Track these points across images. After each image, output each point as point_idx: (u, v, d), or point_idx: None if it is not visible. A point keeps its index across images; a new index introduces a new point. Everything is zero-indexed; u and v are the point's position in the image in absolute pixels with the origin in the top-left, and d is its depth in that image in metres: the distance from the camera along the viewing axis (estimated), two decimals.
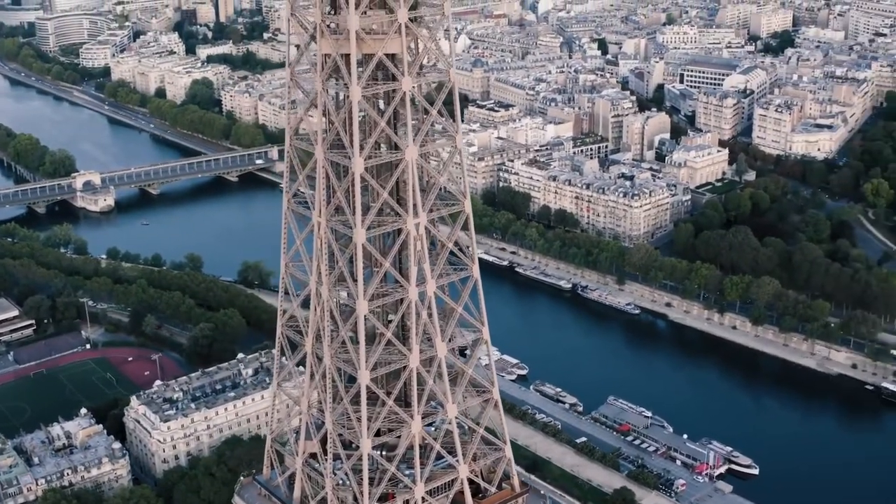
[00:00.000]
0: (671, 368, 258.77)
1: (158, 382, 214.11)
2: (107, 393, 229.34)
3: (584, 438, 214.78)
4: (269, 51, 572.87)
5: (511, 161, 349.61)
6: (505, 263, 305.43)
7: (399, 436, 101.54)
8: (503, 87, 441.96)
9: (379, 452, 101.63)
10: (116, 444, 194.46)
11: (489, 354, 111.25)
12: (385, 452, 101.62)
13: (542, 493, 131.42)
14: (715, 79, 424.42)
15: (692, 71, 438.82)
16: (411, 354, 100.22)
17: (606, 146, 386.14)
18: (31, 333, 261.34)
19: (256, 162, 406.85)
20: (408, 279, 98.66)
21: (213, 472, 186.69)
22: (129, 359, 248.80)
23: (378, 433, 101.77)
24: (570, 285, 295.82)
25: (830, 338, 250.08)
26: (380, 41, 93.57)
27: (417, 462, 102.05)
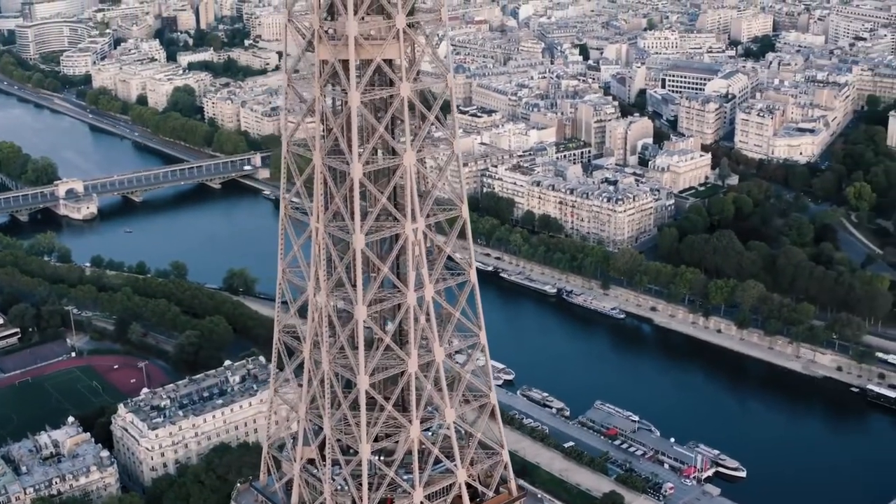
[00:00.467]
0: (657, 372, 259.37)
1: (146, 390, 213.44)
2: (93, 401, 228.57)
3: (572, 443, 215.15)
4: (250, 57, 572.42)
5: (494, 167, 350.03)
6: (490, 269, 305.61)
7: (397, 441, 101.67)
8: (485, 92, 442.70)
9: (377, 457, 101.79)
10: (104, 453, 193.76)
11: (487, 359, 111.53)
12: (383, 457, 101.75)
13: (539, 497, 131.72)
14: (697, 83, 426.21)
15: (674, 76, 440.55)
16: (410, 359, 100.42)
17: (589, 151, 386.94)
18: (16, 342, 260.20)
19: (246, 168, 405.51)
20: (406, 284, 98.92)
21: (201, 479, 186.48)
22: (115, 367, 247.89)
23: (376, 438, 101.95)
24: (555, 290, 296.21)
25: (815, 341, 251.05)
26: (378, 47, 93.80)
27: (416, 467, 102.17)
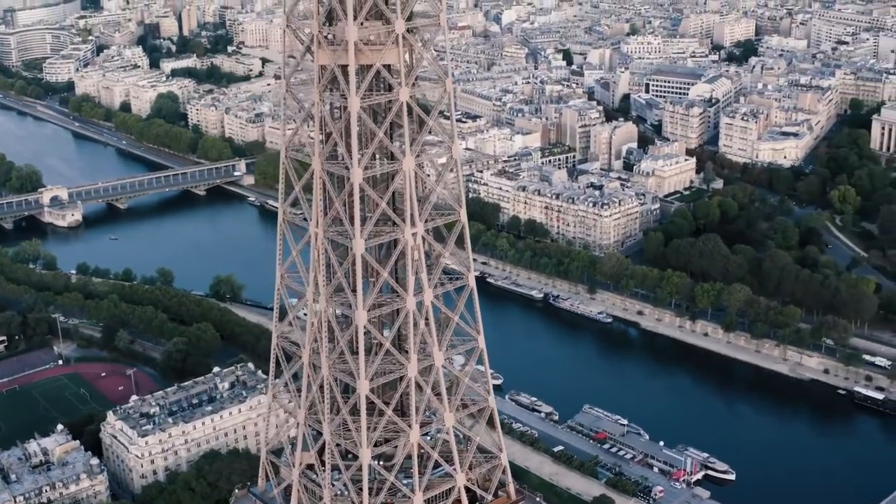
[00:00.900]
0: (645, 376, 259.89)
1: (135, 397, 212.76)
2: (81, 409, 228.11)
3: (561, 447, 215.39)
4: (233, 64, 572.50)
5: (480, 172, 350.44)
6: (476, 274, 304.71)
7: (395, 446, 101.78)
8: (470, 98, 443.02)
9: (377, 462, 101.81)
10: (94, 460, 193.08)
11: (485, 363, 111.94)
12: (382, 462, 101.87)
13: (537, 501, 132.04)
14: (680, 88, 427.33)
15: (657, 80, 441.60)
16: (409, 364, 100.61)
17: (574, 156, 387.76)
18: (3, 350, 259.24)
19: (234, 174, 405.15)
20: (405, 289, 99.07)
21: (192, 486, 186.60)
22: (103, 374, 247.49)
23: (376, 443, 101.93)
24: (541, 295, 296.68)
25: (802, 343, 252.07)
26: (377, 52, 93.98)
27: (416, 471, 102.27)
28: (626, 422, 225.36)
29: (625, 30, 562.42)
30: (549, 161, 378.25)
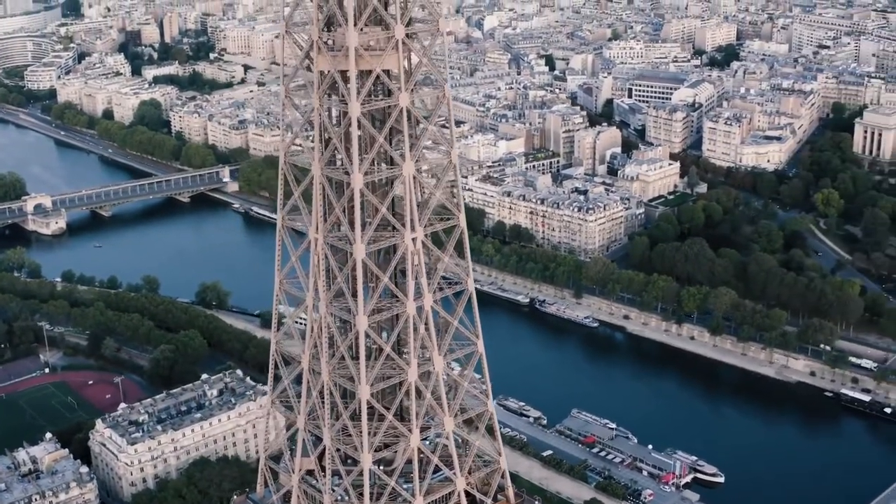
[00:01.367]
0: (632, 380, 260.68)
1: (123, 405, 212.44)
2: (68, 417, 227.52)
3: (550, 451, 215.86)
4: (215, 71, 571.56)
5: (465, 177, 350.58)
6: None
7: (395, 450, 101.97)
8: (453, 103, 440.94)
9: (378, 467, 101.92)
10: (84, 469, 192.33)
11: (484, 367, 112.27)
12: (382, 467, 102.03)
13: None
14: (663, 93, 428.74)
15: (640, 85, 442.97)
16: (409, 368, 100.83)
17: (558, 161, 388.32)
18: None
19: (224, 180, 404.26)
20: (405, 294, 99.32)
21: (182, 494, 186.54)
22: (90, 382, 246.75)
23: (376, 448, 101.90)
24: (527, 300, 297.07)
25: (788, 346, 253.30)
26: (377, 57, 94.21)
27: (417, 476, 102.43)
28: (614, 426, 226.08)
29: (607, 35, 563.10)
30: (534, 166, 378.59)
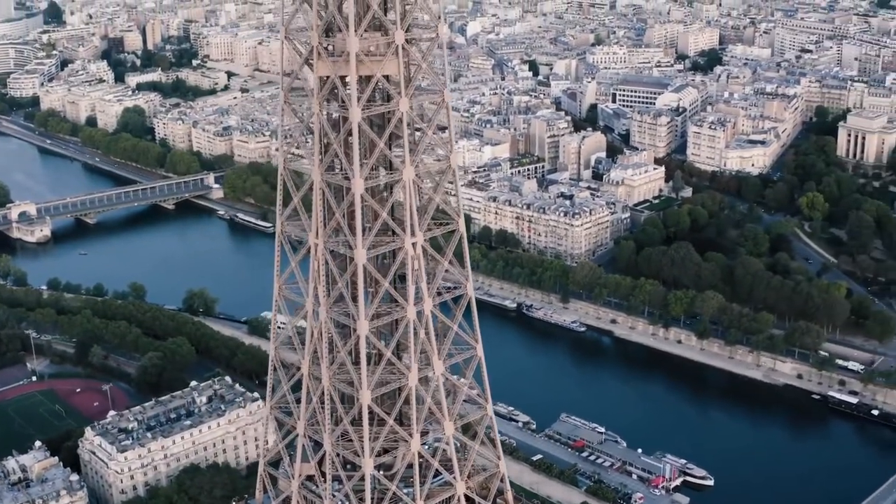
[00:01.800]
0: (620, 384, 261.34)
1: (112, 413, 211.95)
2: (56, 425, 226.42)
3: (540, 456, 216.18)
4: (199, 78, 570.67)
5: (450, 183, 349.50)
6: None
7: (395, 455, 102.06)
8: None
9: (378, 472, 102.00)
10: (74, 477, 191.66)
11: (483, 371, 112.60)
12: (382, 472, 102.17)
13: None
14: (647, 97, 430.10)
15: (624, 90, 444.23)
16: (410, 373, 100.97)
17: (543, 166, 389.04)
18: None
19: (211, 186, 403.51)
20: (405, 298, 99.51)
21: (173, 501, 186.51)
22: (77, 390, 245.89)
23: (377, 453, 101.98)
24: (514, 305, 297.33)
25: (775, 349, 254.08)
26: (378, 63, 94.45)
27: (417, 480, 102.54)
28: (603, 430, 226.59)
29: (590, 40, 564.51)
30: (519, 171, 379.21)
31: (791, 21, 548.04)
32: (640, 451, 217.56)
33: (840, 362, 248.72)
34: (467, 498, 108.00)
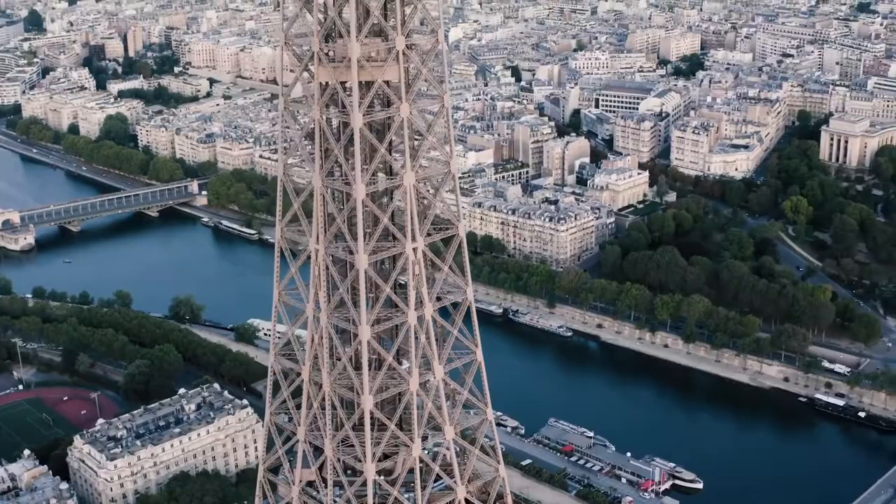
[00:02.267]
0: (608, 389, 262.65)
1: (101, 421, 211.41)
2: (44, 433, 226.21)
3: (530, 460, 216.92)
4: (181, 84, 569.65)
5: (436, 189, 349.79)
6: None
7: (396, 460, 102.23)
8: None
9: (380, 477, 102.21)
10: (64, 485, 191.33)
11: (483, 375, 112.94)
12: (383, 477, 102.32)
13: None
14: (630, 103, 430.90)
15: (607, 95, 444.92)
16: (411, 378, 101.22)
17: (527, 172, 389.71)
18: None
19: (196, 194, 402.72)
20: (406, 303, 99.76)
21: None
22: (65, 398, 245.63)
23: (379, 459, 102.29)
24: (501, 310, 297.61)
25: (762, 352, 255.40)
26: (379, 68, 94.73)
27: (418, 485, 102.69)
28: (591, 434, 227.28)
29: (571, 46, 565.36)
30: (503, 177, 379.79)
31: (772, 26, 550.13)
32: (629, 454, 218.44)
33: (826, 365, 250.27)
34: (467, 502, 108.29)
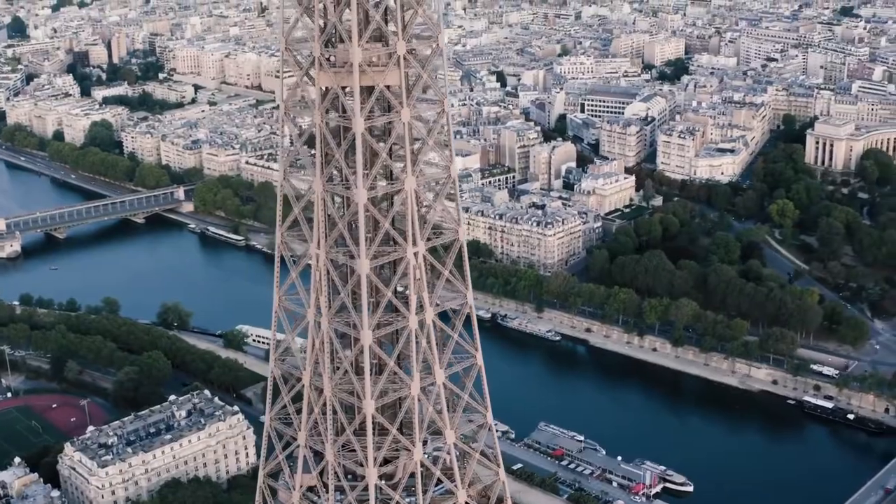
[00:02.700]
0: (597, 393, 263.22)
1: (91, 428, 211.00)
2: (33, 441, 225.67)
3: (520, 465, 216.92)
4: (165, 91, 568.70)
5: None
6: None
7: (397, 464, 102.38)
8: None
9: (382, 482, 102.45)
10: (55, 493, 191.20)
11: (483, 378, 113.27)
12: (384, 481, 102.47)
13: None
14: (615, 107, 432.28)
15: (593, 100, 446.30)
16: (412, 382, 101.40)
17: (514, 177, 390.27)
18: None
19: (179, 200, 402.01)
20: (407, 308, 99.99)
21: None
22: (54, 406, 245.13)
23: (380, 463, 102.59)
24: (489, 315, 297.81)
25: (750, 356, 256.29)
26: (380, 73, 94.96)
27: (419, 489, 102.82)
28: (582, 438, 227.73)
29: (556, 51, 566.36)
30: (490, 182, 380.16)
31: (756, 30, 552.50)
32: (619, 458, 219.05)
33: (815, 367, 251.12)
34: None
